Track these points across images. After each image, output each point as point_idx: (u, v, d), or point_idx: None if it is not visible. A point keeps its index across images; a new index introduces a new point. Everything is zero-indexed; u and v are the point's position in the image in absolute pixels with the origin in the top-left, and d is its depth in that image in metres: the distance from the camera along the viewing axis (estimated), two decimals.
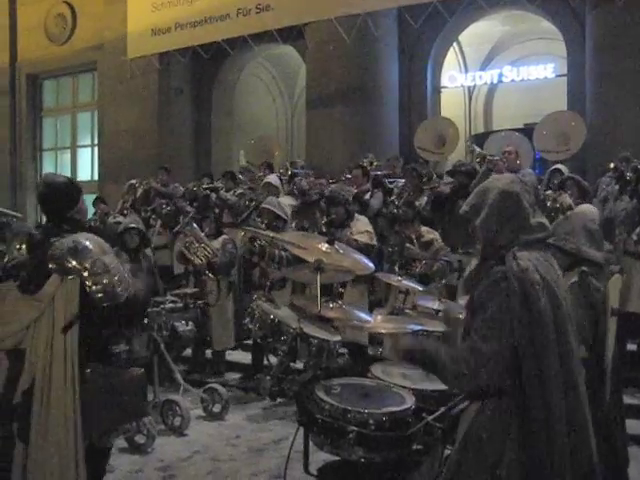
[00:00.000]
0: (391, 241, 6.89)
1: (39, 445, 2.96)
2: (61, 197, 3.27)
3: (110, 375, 3.23)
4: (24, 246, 3.23)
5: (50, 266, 3.05)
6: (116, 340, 3.37)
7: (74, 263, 2.99)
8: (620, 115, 8.93)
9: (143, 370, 3.51)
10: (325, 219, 6.75)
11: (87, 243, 3.08)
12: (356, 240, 6.15)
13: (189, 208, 8.91)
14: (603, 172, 7.66)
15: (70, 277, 3.04)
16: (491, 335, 2.40)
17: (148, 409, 5.18)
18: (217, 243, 7.35)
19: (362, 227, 6.45)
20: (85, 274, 3.00)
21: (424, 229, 6.67)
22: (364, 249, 5.80)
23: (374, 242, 6.48)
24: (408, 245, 6.43)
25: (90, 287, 3.02)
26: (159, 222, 8.81)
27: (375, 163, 9.25)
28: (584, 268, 3.35)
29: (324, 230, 6.44)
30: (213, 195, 8.95)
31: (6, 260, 3.22)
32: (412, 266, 6.30)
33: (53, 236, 3.14)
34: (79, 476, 3.00)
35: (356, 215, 6.70)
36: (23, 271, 3.25)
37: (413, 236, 6.52)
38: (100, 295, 3.05)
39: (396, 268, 6.31)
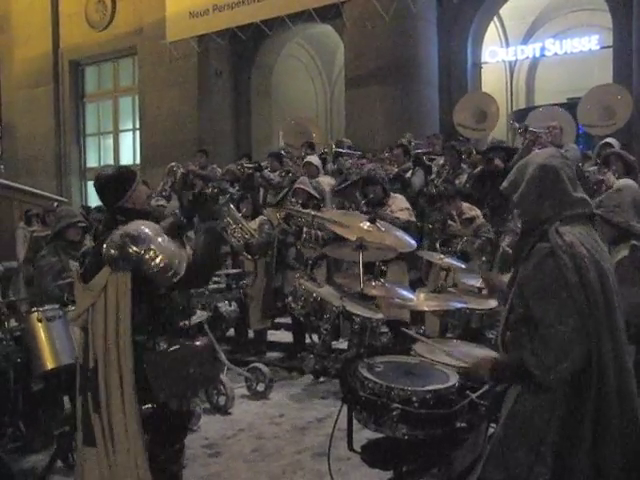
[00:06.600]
0: (432, 218, 6.83)
1: (102, 415, 3.17)
2: (108, 190, 3.42)
3: (176, 347, 3.36)
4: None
5: (106, 254, 3.20)
6: (182, 316, 3.56)
7: (134, 249, 3.14)
8: None
9: (208, 340, 3.64)
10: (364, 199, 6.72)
11: (142, 229, 3.20)
12: (398, 218, 6.12)
13: (231, 189, 8.95)
14: None
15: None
16: (563, 314, 2.33)
17: (218, 375, 5.29)
18: (254, 224, 7.39)
19: (401, 204, 6.41)
20: (145, 257, 3.14)
21: (465, 206, 6.59)
22: (406, 226, 5.82)
23: (413, 218, 6.45)
24: (450, 222, 6.38)
25: (152, 268, 3.16)
26: None
27: (413, 142, 9.17)
28: (634, 242, 3.25)
29: (364, 210, 6.41)
30: (257, 174, 8.98)
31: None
32: (453, 243, 6.25)
33: (110, 228, 3.30)
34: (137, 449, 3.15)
35: (392, 193, 6.67)
36: (87, 260, 3.46)
37: (454, 213, 6.47)
38: (165, 274, 3.18)
39: (437, 245, 6.27)
